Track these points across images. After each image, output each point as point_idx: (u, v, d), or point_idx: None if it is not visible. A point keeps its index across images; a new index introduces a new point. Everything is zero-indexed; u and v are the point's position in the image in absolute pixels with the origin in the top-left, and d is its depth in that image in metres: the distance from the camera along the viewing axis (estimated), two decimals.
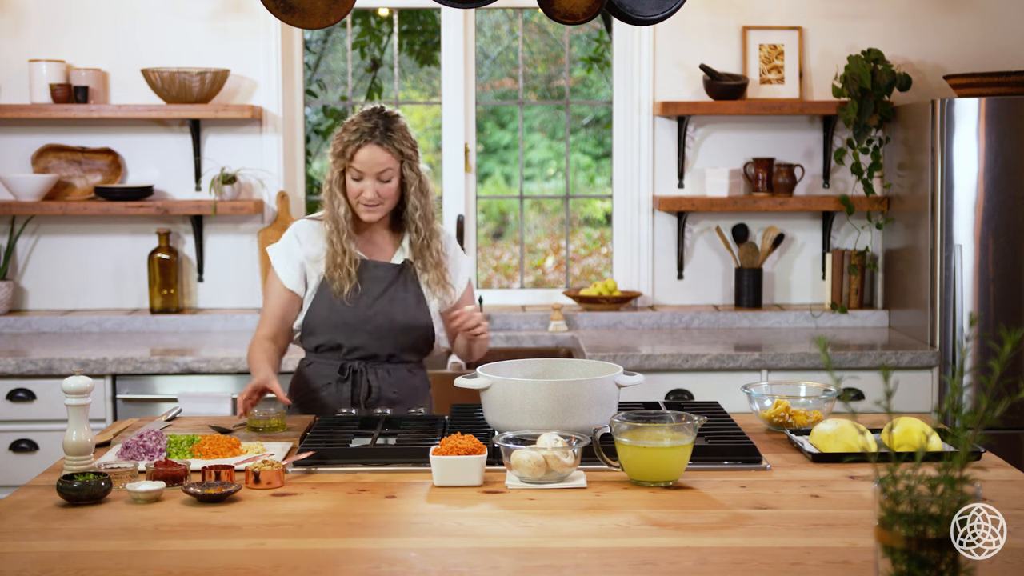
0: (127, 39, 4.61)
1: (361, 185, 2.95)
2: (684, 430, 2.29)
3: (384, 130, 2.93)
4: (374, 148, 2.92)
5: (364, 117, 2.96)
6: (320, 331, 3.02)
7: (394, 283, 3.03)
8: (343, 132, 2.96)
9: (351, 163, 2.93)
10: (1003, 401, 1.49)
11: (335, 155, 2.96)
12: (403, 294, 3.03)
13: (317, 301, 3.02)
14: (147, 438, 2.49)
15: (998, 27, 4.69)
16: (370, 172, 2.93)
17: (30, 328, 4.55)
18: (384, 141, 2.93)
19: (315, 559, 1.89)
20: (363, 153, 2.92)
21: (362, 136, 2.92)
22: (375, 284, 3.02)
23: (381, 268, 3.04)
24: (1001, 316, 4.13)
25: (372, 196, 2.94)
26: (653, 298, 4.80)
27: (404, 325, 3.02)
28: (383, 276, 3.03)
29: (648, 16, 2.98)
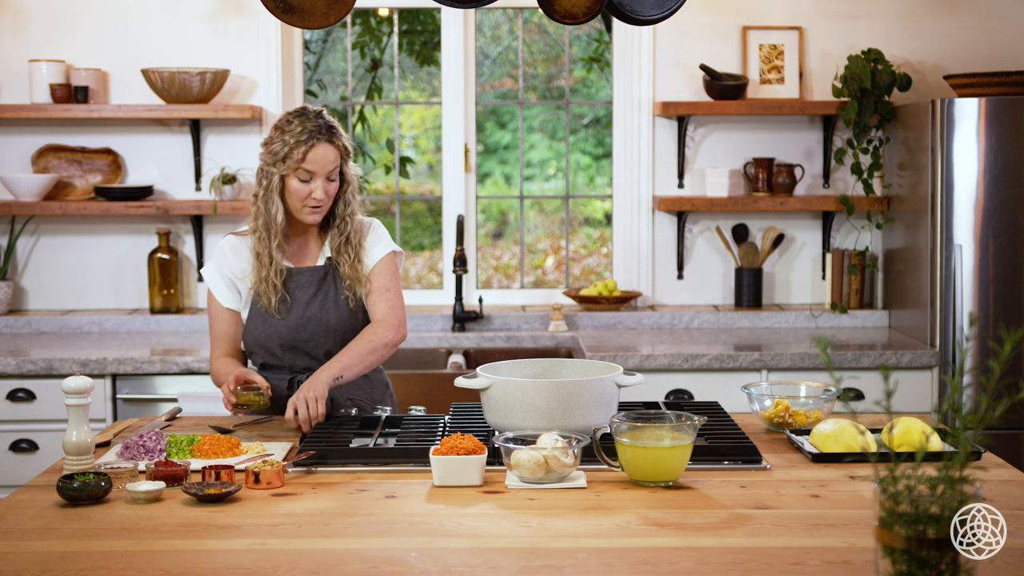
0: (127, 39, 4.61)
1: (310, 186, 2.89)
2: (684, 430, 2.29)
3: (328, 127, 2.90)
4: (326, 146, 2.88)
5: (303, 118, 2.89)
6: (259, 349, 2.99)
7: (321, 286, 2.98)
8: (283, 136, 2.88)
9: (302, 163, 2.86)
10: (1003, 401, 1.49)
11: (277, 160, 2.88)
12: (333, 294, 2.98)
13: (251, 319, 2.98)
14: (147, 438, 2.49)
15: (998, 27, 4.69)
16: (322, 171, 2.88)
17: (30, 328, 4.55)
18: (332, 138, 2.90)
19: (315, 559, 1.89)
20: (316, 152, 2.87)
21: (312, 136, 2.86)
22: (303, 291, 2.97)
23: (306, 273, 2.98)
24: (1001, 316, 4.13)
25: (322, 196, 2.89)
26: (653, 298, 4.80)
27: (339, 326, 2.96)
28: (309, 281, 2.98)
29: (648, 16, 2.98)
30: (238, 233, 3.04)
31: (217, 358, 2.99)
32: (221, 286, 3.01)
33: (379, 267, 3.01)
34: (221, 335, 3.02)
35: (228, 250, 3.02)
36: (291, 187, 2.90)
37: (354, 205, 3.01)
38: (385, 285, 3.00)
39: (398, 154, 5.07)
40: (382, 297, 2.98)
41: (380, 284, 3.00)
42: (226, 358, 2.98)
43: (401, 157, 5.22)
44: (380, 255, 3.02)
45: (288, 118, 2.91)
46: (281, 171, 2.89)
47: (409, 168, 5.42)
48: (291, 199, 2.92)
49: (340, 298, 2.98)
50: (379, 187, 5.54)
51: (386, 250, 3.03)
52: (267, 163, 2.91)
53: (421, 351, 4.45)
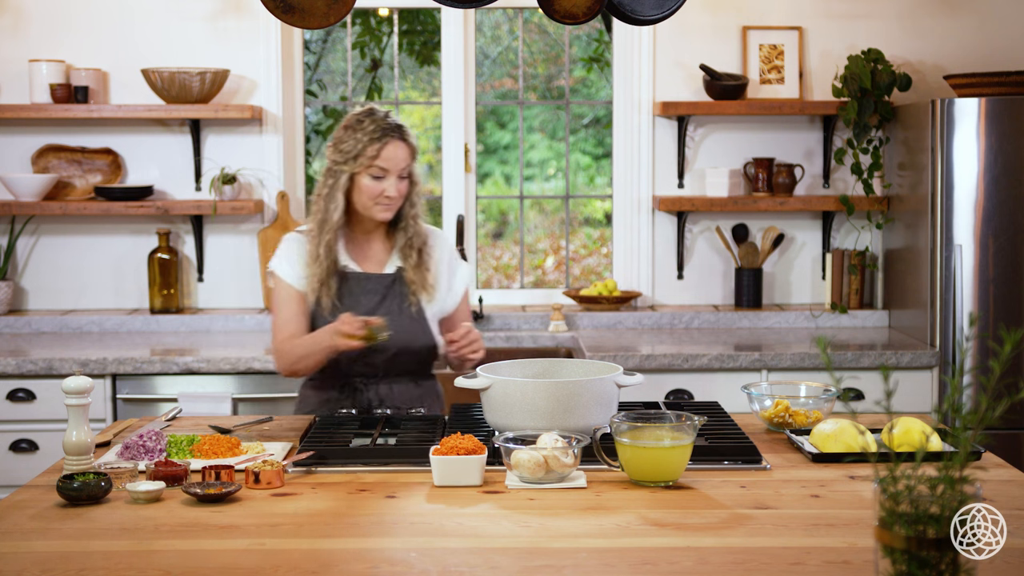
0: (127, 39, 4.61)
1: (383, 184, 2.92)
2: (684, 430, 2.29)
3: (399, 127, 2.95)
4: (400, 144, 2.93)
5: (374, 116, 2.94)
6: None
7: (387, 296, 3.00)
8: (355, 134, 2.92)
9: (375, 161, 2.90)
10: (1003, 401, 1.49)
11: (348, 158, 2.92)
12: (399, 304, 2.99)
13: (313, 320, 2.99)
14: (147, 438, 2.49)
15: (998, 27, 4.69)
16: (395, 169, 2.92)
17: (30, 328, 4.55)
18: (404, 137, 2.95)
19: (315, 559, 1.89)
20: (389, 150, 2.91)
21: (386, 133, 2.91)
22: (368, 297, 2.98)
23: (373, 280, 3.00)
24: (1001, 316, 4.13)
25: (394, 194, 2.93)
26: (653, 298, 4.80)
27: (401, 338, 2.96)
28: (376, 288, 2.99)
29: (648, 16, 2.98)
30: (300, 232, 3.05)
31: (284, 339, 2.96)
32: (292, 272, 2.98)
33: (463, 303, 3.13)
34: (291, 316, 2.97)
35: (294, 245, 3.02)
36: (362, 185, 2.93)
37: (419, 207, 3.04)
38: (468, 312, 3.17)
39: None
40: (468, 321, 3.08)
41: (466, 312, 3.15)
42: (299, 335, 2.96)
43: None
44: (463, 284, 3.13)
45: (359, 117, 2.95)
46: (353, 169, 2.92)
47: None
48: (361, 197, 2.94)
49: (406, 308, 2.99)
50: None
51: (467, 274, 3.16)
52: (337, 161, 2.94)
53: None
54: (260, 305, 4.72)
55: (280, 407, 4.00)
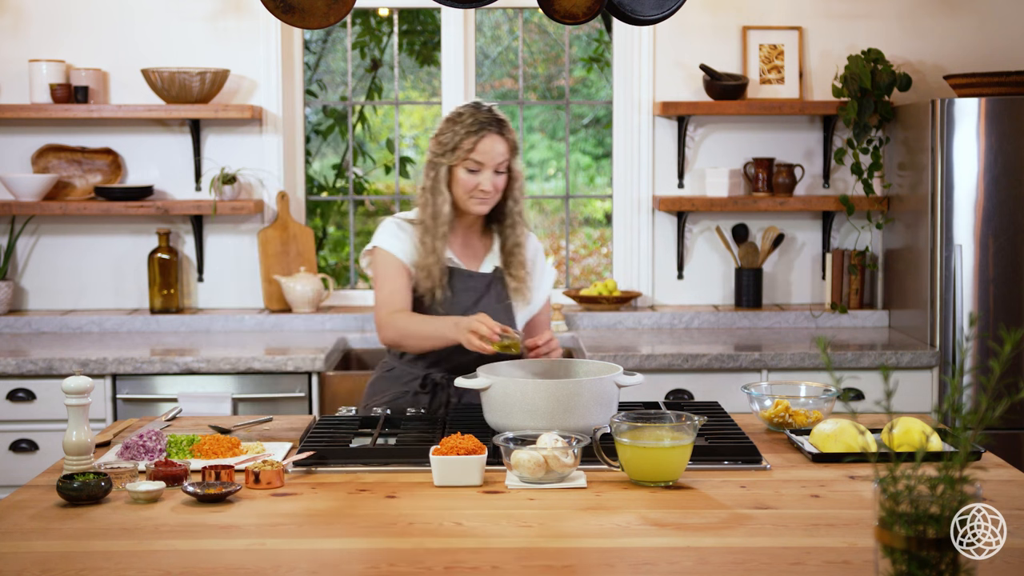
0: (127, 39, 4.61)
1: (478, 177, 2.92)
2: (684, 430, 2.29)
3: (499, 121, 2.95)
4: (496, 138, 2.92)
5: (475, 110, 2.94)
6: None
7: (485, 295, 3.00)
8: (454, 127, 2.93)
9: (471, 154, 2.90)
10: (1003, 401, 1.49)
11: (446, 150, 2.93)
12: (494, 305, 2.99)
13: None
14: (147, 438, 2.49)
15: (998, 27, 4.69)
16: (490, 163, 2.92)
17: (30, 328, 4.55)
18: (503, 131, 2.94)
19: (315, 559, 1.89)
20: (485, 143, 2.91)
21: (483, 127, 2.91)
22: (467, 295, 2.98)
23: (474, 278, 3.00)
24: (1001, 316, 4.13)
25: (489, 188, 2.92)
26: (653, 298, 4.80)
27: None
28: (475, 286, 2.99)
29: (648, 16, 2.98)
30: (400, 218, 3.04)
31: (395, 312, 2.92)
32: (396, 245, 2.96)
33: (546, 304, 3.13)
34: (397, 289, 2.95)
35: (395, 228, 3.01)
36: (459, 177, 2.93)
37: (522, 203, 3.03)
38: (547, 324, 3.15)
39: (398, 154, 5.07)
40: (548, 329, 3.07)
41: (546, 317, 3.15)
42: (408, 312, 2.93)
43: (401, 157, 5.22)
44: (550, 286, 3.13)
45: (459, 110, 2.96)
46: (450, 161, 2.93)
47: (409, 168, 5.42)
48: (458, 189, 2.95)
49: (501, 308, 2.99)
50: (379, 187, 5.54)
51: (552, 279, 3.15)
52: (436, 154, 2.95)
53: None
54: (260, 305, 4.72)
55: (280, 407, 4.01)
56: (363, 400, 3.12)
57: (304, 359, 4.02)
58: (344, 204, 5.22)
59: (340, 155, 5.40)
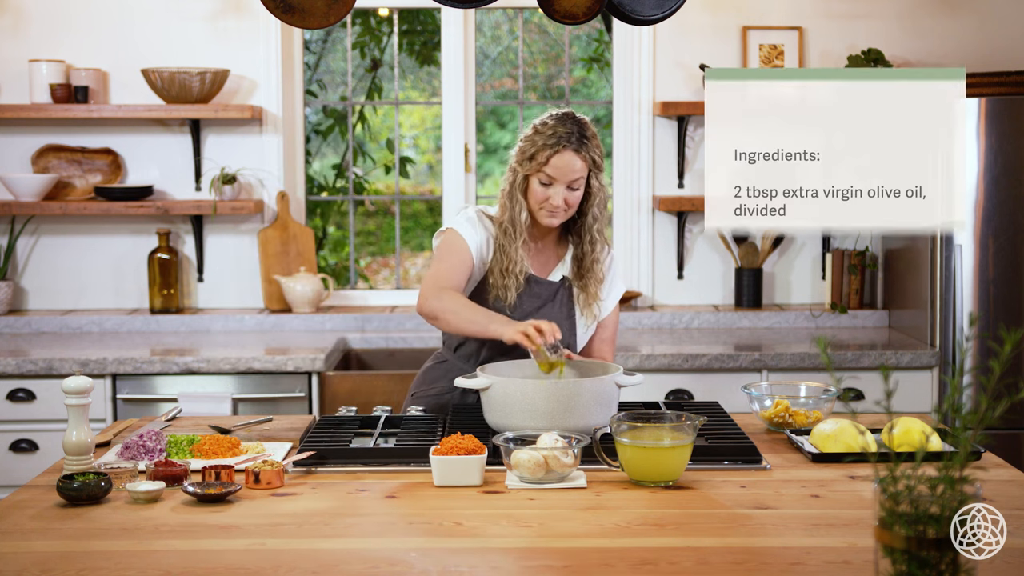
0: (127, 39, 4.61)
1: (549, 191, 2.84)
2: (684, 430, 2.29)
3: (580, 136, 2.84)
4: (570, 155, 2.82)
5: (559, 121, 2.85)
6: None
7: (549, 303, 2.94)
8: (535, 136, 2.85)
9: (544, 167, 2.83)
10: (1003, 401, 1.49)
11: (524, 159, 2.86)
12: (557, 314, 2.93)
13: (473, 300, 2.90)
14: (147, 438, 2.49)
15: (998, 27, 4.69)
16: (563, 179, 2.83)
17: (30, 328, 4.55)
18: (580, 148, 2.83)
19: (315, 559, 1.89)
20: (559, 159, 2.82)
21: (560, 141, 2.82)
22: (531, 300, 2.92)
23: (541, 285, 2.94)
24: (1001, 316, 4.13)
25: (560, 203, 2.84)
26: (653, 298, 4.80)
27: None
28: (540, 293, 2.94)
29: (648, 16, 2.98)
30: (483, 210, 2.98)
31: (442, 288, 2.82)
32: (475, 235, 2.90)
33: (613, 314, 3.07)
34: (455, 269, 2.87)
35: (475, 217, 2.94)
36: (532, 188, 2.87)
37: (602, 221, 2.95)
38: (613, 336, 3.09)
39: (398, 154, 5.07)
40: (610, 347, 3.06)
41: (610, 335, 3.08)
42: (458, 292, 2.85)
43: (401, 157, 5.22)
44: (617, 299, 3.07)
45: (546, 119, 2.88)
46: (525, 171, 2.86)
47: (409, 168, 5.42)
48: (531, 199, 2.88)
49: (564, 317, 2.94)
50: (379, 187, 5.54)
51: (621, 292, 3.09)
52: (516, 161, 2.89)
53: (422, 351, 4.45)
54: (260, 305, 4.72)
55: (280, 407, 4.01)
56: (412, 388, 3.06)
57: (304, 359, 4.02)
58: (344, 204, 5.22)
59: (340, 155, 5.40)
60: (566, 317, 2.94)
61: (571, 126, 2.84)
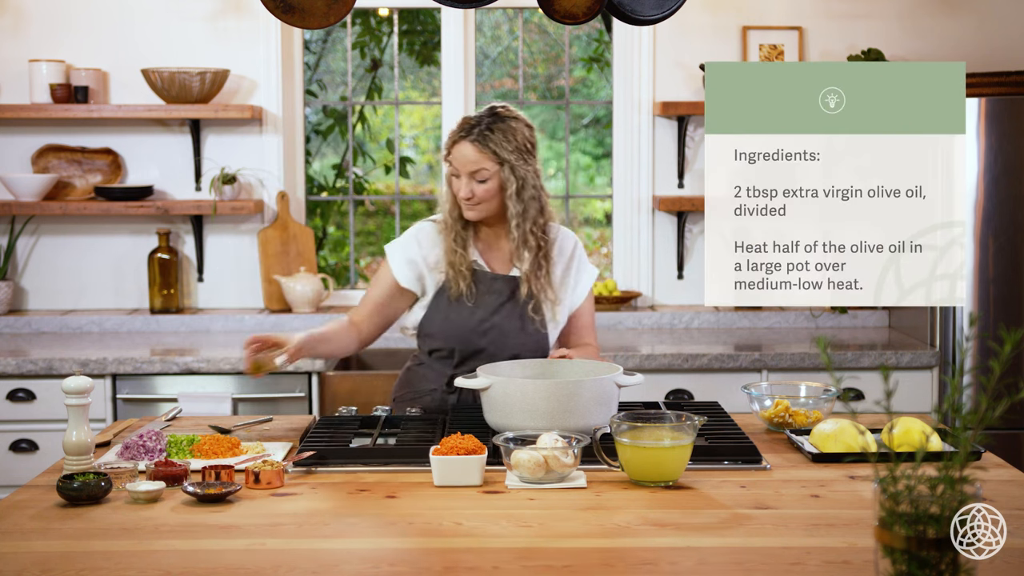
0: (127, 39, 4.61)
1: (457, 184, 2.90)
2: (684, 430, 2.29)
3: (484, 128, 2.85)
4: (466, 145, 2.85)
5: (477, 114, 2.90)
6: (436, 336, 2.96)
7: (511, 299, 2.95)
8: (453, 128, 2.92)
9: (448, 158, 2.90)
10: (1003, 401, 1.49)
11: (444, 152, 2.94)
12: (519, 312, 2.94)
13: (434, 306, 2.96)
14: (147, 438, 2.49)
15: (998, 27, 4.69)
16: (463, 169, 2.87)
17: (30, 328, 4.55)
18: (479, 139, 2.84)
19: (315, 559, 1.89)
20: (456, 150, 2.87)
21: (458, 133, 2.88)
22: (492, 296, 2.94)
23: (500, 281, 2.96)
24: (1001, 316, 4.13)
25: (466, 193, 2.87)
26: (653, 298, 4.80)
27: (517, 341, 2.93)
28: (501, 289, 2.95)
29: (648, 16, 2.98)
30: (432, 220, 3.03)
31: (341, 320, 2.99)
32: (403, 265, 2.96)
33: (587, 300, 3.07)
34: (369, 301, 2.99)
35: (424, 237, 2.99)
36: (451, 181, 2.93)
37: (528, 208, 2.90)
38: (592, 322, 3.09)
39: (398, 154, 5.07)
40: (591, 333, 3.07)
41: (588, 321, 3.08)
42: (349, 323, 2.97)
43: (401, 157, 5.22)
44: (589, 284, 3.06)
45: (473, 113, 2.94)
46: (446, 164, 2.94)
47: (409, 168, 5.42)
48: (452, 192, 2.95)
49: (526, 314, 2.95)
50: (379, 187, 5.54)
51: (593, 278, 3.07)
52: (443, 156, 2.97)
53: None
54: (260, 305, 4.72)
55: (280, 407, 4.01)
56: (394, 391, 3.09)
57: (304, 359, 4.02)
58: (344, 204, 5.22)
59: (340, 155, 5.40)
60: (531, 312, 2.95)
61: (480, 118, 2.88)
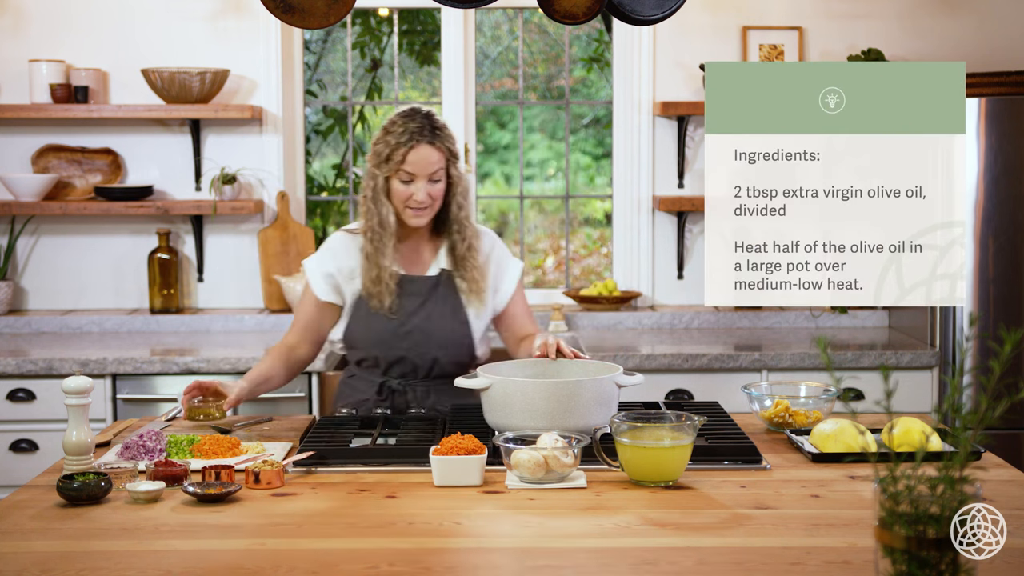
0: (127, 39, 4.61)
1: (411, 188, 2.87)
2: (684, 430, 2.29)
3: (431, 128, 2.88)
4: (426, 148, 2.86)
5: (407, 118, 2.89)
6: (359, 346, 2.98)
7: (431, 297, 2.97)
8: (386, 136, 2.88)
9: (402, 165, 2.85)
10: (1003, 401, 1.49)
11: (380, 162, 2.88)
12: (440, 308, 2.96)
13: (355, 316, 2.97)
14: (147, 438, 2.49)
15: (998, 27, 4.69)
16: (422, 173, 2.86)
17: (30, 328, 4.55)
18: (434, 140, 2.87)
19: (315, 559, 1.89)
20: (414, 155, 2.85)
21: (413, 137, 2.85)
22: (411, 299, 2.96)
23: (418, 282, 2.97)
24: (1001, 316, 4.13)
25: (424, 198, 2.87)
26: (653, 298, 4.80)
27: (441, 340, 2.95)
28: (419, 290, 2.97)
29: (648, 16, 2.98)
30: (349, 230, 3.03)
31: (280, 343, 3.02)
32: (320, 279, 2.99)
33: (518, 292, 3.07)
34: (299, 322, 3.03)
35: (339, 247, 3.01)
36: (395, 188, 2.89)
37: (467, 208, 2.98)
38: (527, 310, 3.10)
39: None
40: (529, 320, 3.08)
41: (522, 310, 3.08)
42: (285, 347, 2.99)
43: None
44: (514, 280, 3.06)
45: (394, 119, 2.92)
46: (385, 173, 2.89)
47: None
48: (396, 200, 2.91)
49: (448, 310, 2.96)
50: None
51: (518, 271, 3.08)
52: (372, 165, 2.91)
53: None
54: (260, 305, 4.72)
55: (280, 407, 4.01)
56: (335, 401, 3.13)
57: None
58: (344, 204, 5.22)
59: (340, 155, 5.40)
60: (452, 309, 2.96)
61: (421, 120, 2.88)
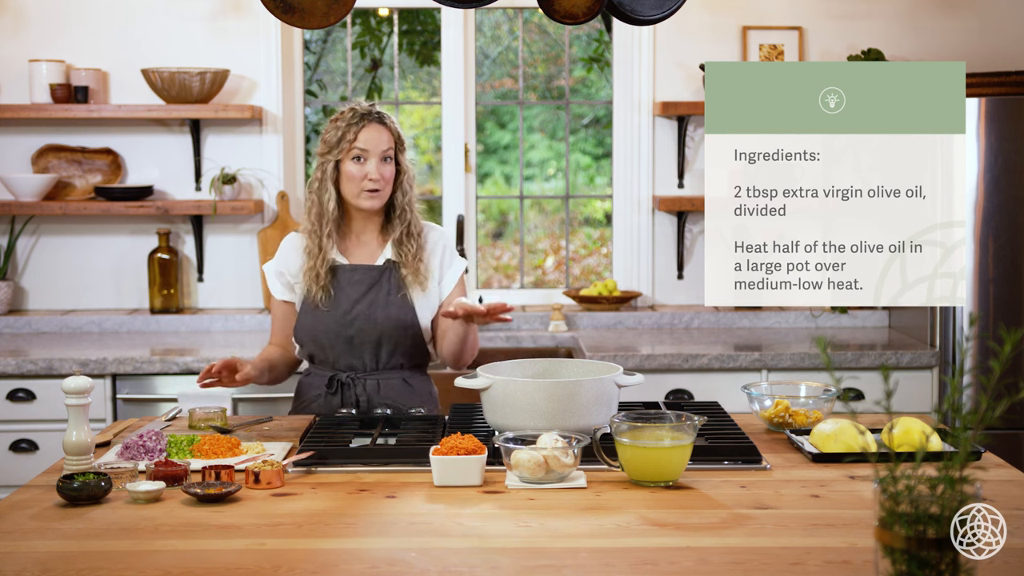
0: (127, 39, 4.61)
1: (366, 167, 2.94)
2: (684, 430, 2.29)
3: (378, 113, 3.00)
4: (376, 126, 2.96)
5: (354, 107, 3.00)
6: (305, 342, 3.04)
7: (375, 285, 3.01)
8: (336, 123, 2.98)
9: (354, 144, 2.93)
10: (1003, 401, 1.49)
11: (331, 147, 2.97)
12: (384, 294, 3.00)
13: (302, 312, 3.04)
14: (147, 438, 2.49)
15: (998, 27, 4.69)
16: (375, 150, 2.94)
17: (30, 328, 4.55)
18: (383, 120, 2.98)
19: (315, 559, 1.89)
20: (367, 132, 2.94)
21: (363, 118, 2.96)
22: (353, 288, 3.00)
23: (360, 271, 3.01)
24: (1001, 316, 4.13)
25: (377, 176, 2.94)
26: (653, 298, 4.80)
27: (386, 327, 2.98)
28: (361, 279, 3.01)
29: (648, 16, 2.98)
30: (300, 231, 3.10)
31: (266, 347, 3.14)
32: (275, 280, 3.11)
33: (458, 288, 3.10)
34: (275, 326, 3.15)
35: (288, 247, 3.11)
36: (347, 171, 2.96)
37: (412, 195, 3.06)
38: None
39: None
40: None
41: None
42: (274, 347, 3.12)
43: None
44: (459, 272, 3.10)
45: (342, 111, 3.02)
46: (336, 156, 2.96)
47: None
48: (348, 185, 2.97)
49: (392, 297, 3.00)
50: None
51: (462, 267, 3.12)
52: (322, 153, 2.99)
53: None
54: (260, 305, 4.72)
55: (280, 407, 4.00)
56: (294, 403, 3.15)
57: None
58: None
59: None
60: (395, 294, 3.00)
61: (367, 107, 3.00)
